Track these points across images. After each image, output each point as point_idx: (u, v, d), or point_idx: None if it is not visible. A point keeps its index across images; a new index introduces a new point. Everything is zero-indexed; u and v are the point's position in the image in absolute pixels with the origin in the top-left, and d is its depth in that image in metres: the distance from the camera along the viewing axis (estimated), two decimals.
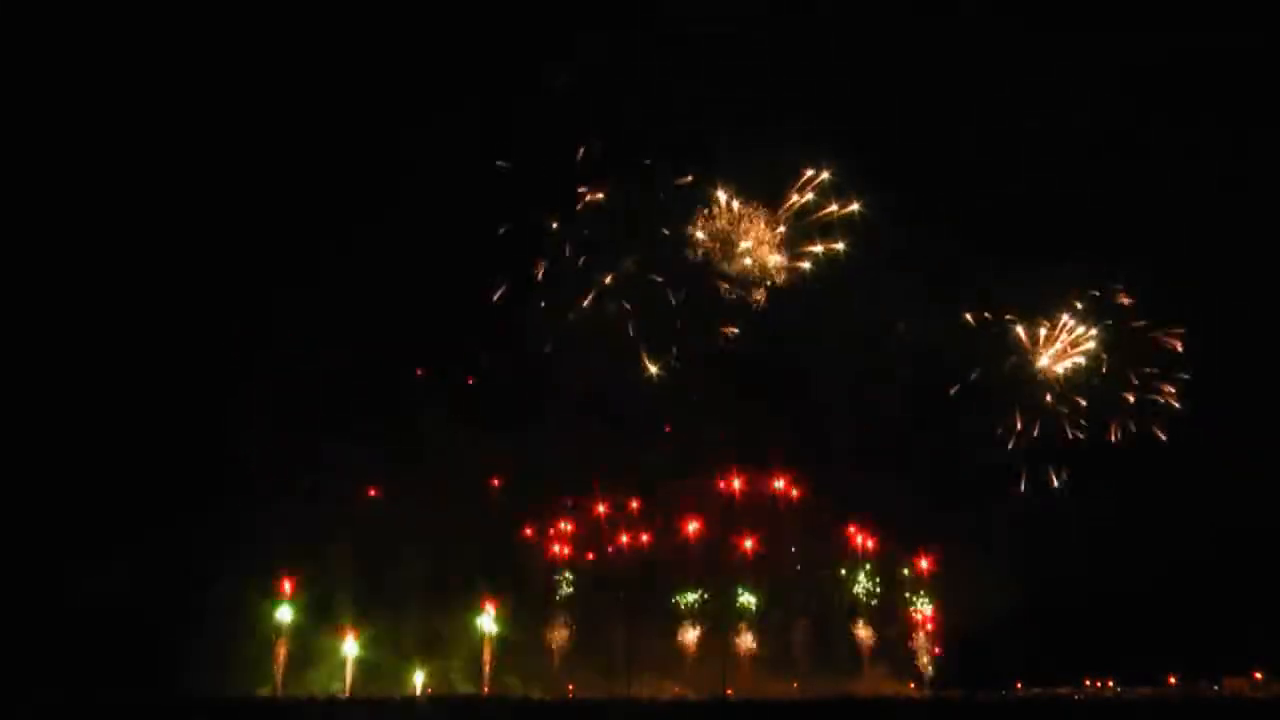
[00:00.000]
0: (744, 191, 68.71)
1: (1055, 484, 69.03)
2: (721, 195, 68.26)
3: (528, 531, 70.86)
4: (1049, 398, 69.66)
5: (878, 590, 70.73)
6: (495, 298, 67.95)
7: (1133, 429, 68.44)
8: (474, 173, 67.43)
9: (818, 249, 69.04)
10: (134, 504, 63.47)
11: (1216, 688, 65.53)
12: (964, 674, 67.32)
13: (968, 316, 69.54)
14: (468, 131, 67.02)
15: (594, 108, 66.20)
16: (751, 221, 68.55)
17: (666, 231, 68.42)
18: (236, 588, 63.78)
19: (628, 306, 68.59)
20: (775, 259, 68.93)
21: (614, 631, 68.30)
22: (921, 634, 69.41)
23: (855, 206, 68.28)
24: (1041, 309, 70.06)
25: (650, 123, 66.48)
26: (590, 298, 68.58)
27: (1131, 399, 69.01)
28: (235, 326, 66.91)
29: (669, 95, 65.35)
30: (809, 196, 68.79)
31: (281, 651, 64.78)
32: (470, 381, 70.39)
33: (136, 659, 60.78)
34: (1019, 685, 67.93)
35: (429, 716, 63.43)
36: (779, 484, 72.02)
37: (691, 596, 69.72)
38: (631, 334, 68.53)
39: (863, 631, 69.39)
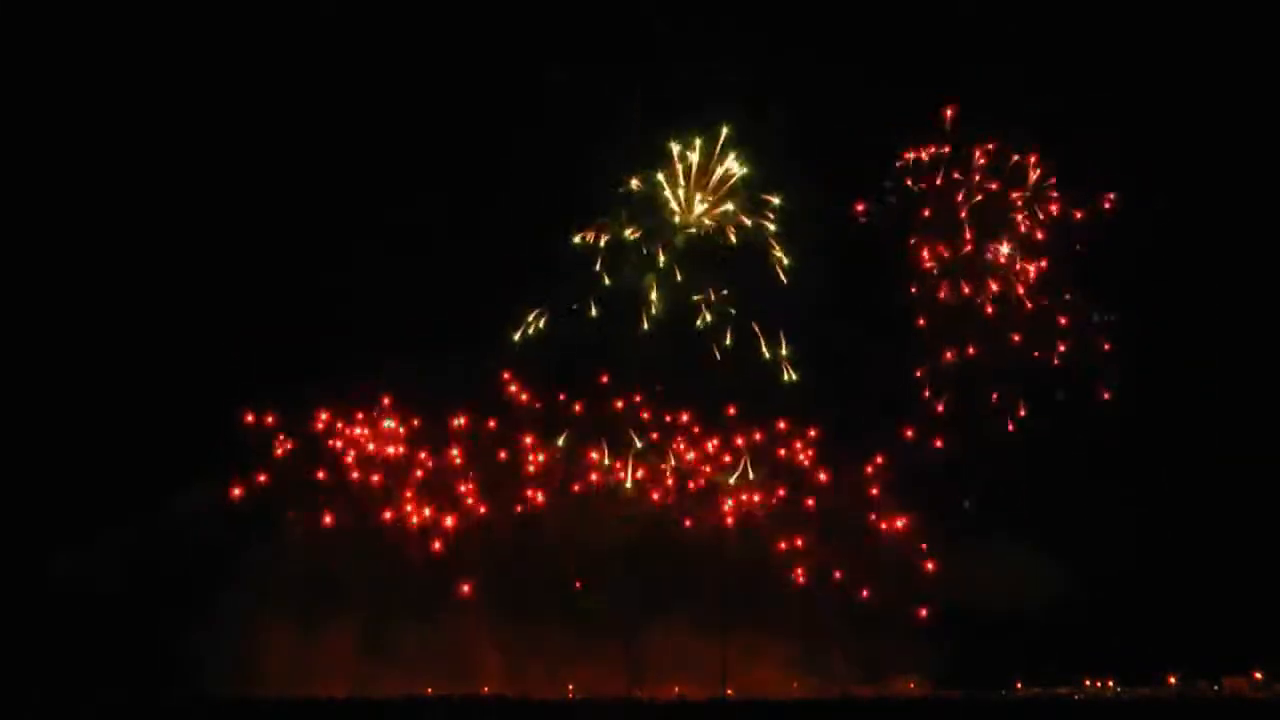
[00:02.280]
0: None
1: None
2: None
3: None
4: None
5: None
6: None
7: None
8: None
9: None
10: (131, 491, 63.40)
11: (1216, 688, 65.23)
12: (964, 674, 67.23)
13: None
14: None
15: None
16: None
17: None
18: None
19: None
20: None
21: (614, 630, 68.10)
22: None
23: None
24: None
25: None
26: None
27: None
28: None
29: None
30: None
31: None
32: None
33: (137, 657, 60.69)
34: (1019, 685, 67.93)
35: (429, 716, 63.45)
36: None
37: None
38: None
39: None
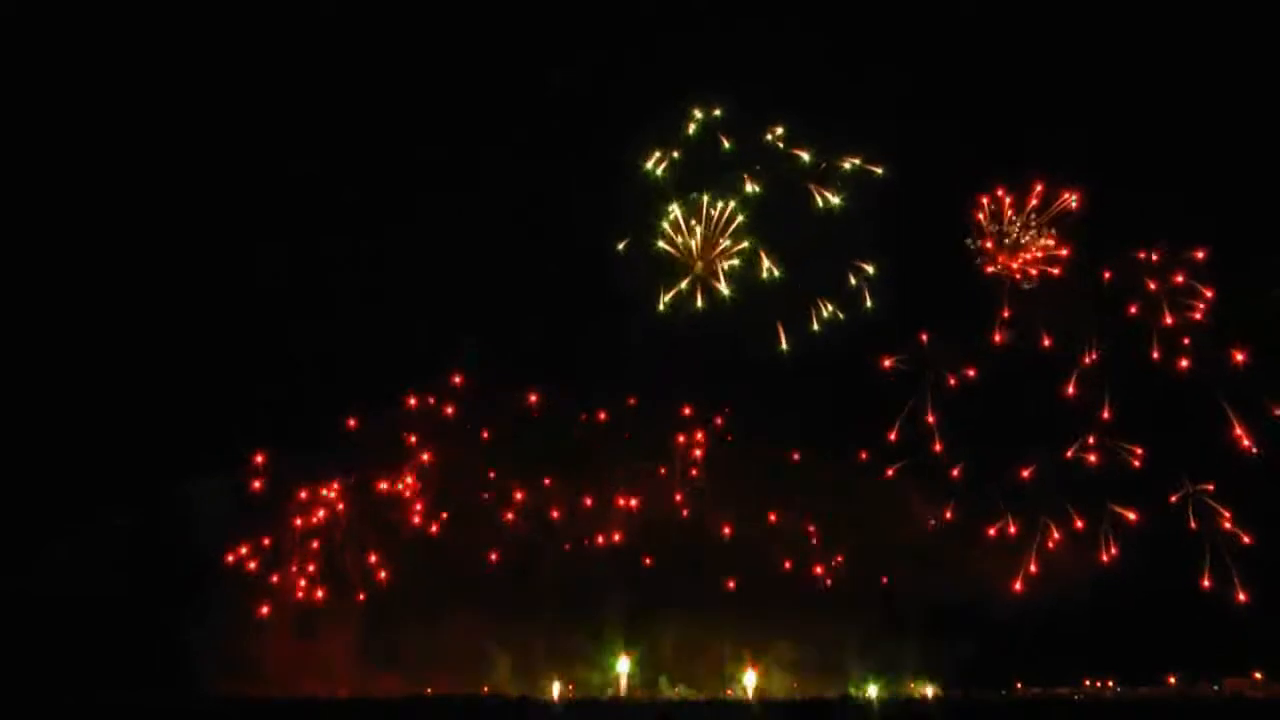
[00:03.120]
0: None
1: None
2: None
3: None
4: None
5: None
6: None
7: None
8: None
9: None
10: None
11: (1216, 688, 64.93)
12: (964, 674, 67.16)
13: None
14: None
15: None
16: None
17: None
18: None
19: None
20: None
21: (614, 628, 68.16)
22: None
23: None
24: None
25: None
26: None
27: None
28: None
29: None
30: None
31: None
32: None
33: (137, 657, 60.87)
34: (1019, 685, 67.86)
35: (429, 716, 63.65)
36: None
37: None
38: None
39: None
